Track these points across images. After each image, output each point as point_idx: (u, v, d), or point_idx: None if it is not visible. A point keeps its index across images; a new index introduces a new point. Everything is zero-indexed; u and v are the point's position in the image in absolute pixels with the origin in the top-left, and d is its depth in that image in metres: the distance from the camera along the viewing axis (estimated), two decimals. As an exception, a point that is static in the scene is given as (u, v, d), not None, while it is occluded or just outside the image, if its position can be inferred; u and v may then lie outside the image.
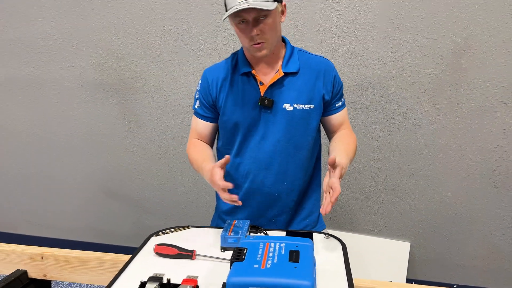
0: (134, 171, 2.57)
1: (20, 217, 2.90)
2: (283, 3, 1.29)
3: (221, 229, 1.25)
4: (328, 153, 1.39)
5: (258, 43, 1.24)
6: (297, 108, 1.32)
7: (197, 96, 1.42)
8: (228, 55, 2.13)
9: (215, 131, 1.46)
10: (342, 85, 1.43)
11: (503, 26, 1.86)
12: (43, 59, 2.47)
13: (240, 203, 1.18)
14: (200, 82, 1.41)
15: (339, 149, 1.32)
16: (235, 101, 1.35)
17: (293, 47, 1.38)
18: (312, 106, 1.34)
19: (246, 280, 0.85)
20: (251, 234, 1.25)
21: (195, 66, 2.26)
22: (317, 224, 1.51)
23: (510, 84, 1.92)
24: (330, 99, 1.38)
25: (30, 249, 1.29)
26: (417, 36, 1.96)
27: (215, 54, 2.21)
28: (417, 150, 2.12)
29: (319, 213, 1.51)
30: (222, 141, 1.44)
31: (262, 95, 1.32)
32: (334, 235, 1.28)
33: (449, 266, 2.28)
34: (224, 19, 1.22)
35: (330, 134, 1.47)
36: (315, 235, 1.27)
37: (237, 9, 1.16)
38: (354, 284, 1.00)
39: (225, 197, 1.17)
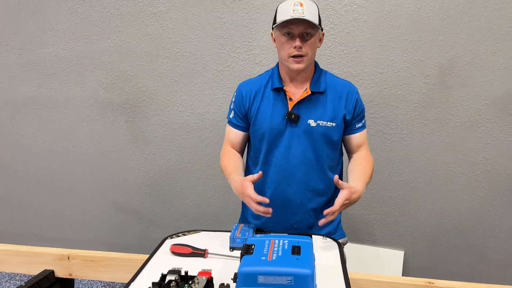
0: (141, 186, 2.70)
1: (29, 231, 3.01)
2: (323, 32, 1.48)
3: (228, 233, 1.38)
4: (347, 172, 1.52)
5: (298, 57, 1.39)
6: (320, 124, 1.46)
7: (232, 106, 1.58)
8: (231, 76, 2.31)
9: (246, 140, 1.62)
10: (363, 108, 1.57)
11: (483, 48, 2.03)
12: (56, 80, 2.62)
13: (270, 212, 1.32)
14: (235, 94, 1.58)
15: (356, 173, 1.46)
16: (264, 113, 1.50)
17: (322, 70, 1.54)
18: (334, 124, 1.47)
19: (255, 269, 0.98)
20: (257, 235, 1.38)
21: (200, 86, 2.41)
22: (336, 232, 1.62)
23: (491, 102, 2.08)
24: (351, 119, 1.52)
25: (58, 251, 1.42)
26: (406, 58, 2.12)
27: (219, 75, 2.37)
28: (408, 163, 2.27)
29: (339, 222, 1.64)
30: (253, 149, 1.58)
31: (290, 109, 1.46)
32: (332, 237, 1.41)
33: (441, 273, 2.39)
34: (276, 26, 1.40)
35: (349, 154, 1.61)
36: (314, 236, 1.40)
37: (291, 17, 1.33)
38: (350, 277, 1.13)
39: (260, 210, 1.30)
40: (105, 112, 2.61)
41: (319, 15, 1.43)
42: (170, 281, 1.03)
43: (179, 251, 1.27)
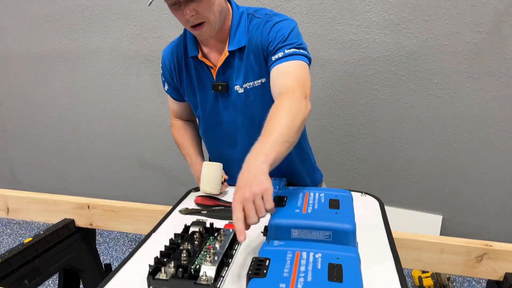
0: (166, 141, 2.62)
1: (50, 185, 3.00)
2: None
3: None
4: None
5: (197, 25, 1.09)
6: (248, 87, 1.19)
7: (162, 79, 1.35)
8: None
9: (190, 107, 1.36)
10: (282, 34, 1.12)
11: (548, -9, 1.80)
12: (79, 30, 2.52)
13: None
14: (161, 65, 1.32)
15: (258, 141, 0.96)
16: (192, 88, 1.27)
17: (242, 13, 1.18)
18: (264, 80, 1.18)
19: (289, 222, 0.87)
20: (289, 187, 1.26)
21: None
22: (315, 171, 1.46)
23: (553, 53, 1.86)
24: (267, 56, 1.15)
25: (77, 199, 1.35)
26: (456, 3, 1.91)
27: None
28: (453, 121, 2.08)
29: (313, 162, 1.46)
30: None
31: (214, 79, 1.21)
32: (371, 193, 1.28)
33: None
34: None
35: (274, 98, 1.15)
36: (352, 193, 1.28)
37: None
38: (394, 236, 1.01)
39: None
40: (129, 65, 2.51)
41: None
42: (194, 232, 0.93)
43: (205, 203, 1.17)
